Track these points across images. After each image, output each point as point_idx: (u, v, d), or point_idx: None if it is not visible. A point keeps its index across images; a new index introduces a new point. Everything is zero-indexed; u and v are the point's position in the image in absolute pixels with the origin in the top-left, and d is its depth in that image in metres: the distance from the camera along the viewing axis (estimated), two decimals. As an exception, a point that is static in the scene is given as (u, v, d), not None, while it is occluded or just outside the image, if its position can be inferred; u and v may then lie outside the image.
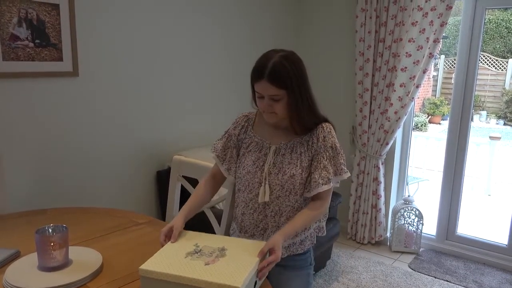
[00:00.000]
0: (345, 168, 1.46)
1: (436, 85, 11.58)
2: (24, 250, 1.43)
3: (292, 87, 1.36)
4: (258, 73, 1.36)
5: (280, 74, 1.34)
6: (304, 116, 1.42)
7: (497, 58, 10.70)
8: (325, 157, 1.43)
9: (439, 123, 10.45)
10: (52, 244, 1.27)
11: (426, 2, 2.94)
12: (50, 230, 1.32)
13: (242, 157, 1.52)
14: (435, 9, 2.93)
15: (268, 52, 1.40)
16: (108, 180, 2.51)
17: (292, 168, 1.43)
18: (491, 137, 6.05)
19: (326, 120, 1.49)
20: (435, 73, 11.46)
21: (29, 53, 2.06)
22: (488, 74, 10.56)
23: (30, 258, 1.34)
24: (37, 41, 2.08)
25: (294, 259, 1.54)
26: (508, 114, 10.36)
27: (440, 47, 10.85)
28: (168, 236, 1.35)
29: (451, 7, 2.89)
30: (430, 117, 10.49)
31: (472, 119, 3.27)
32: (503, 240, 3.24)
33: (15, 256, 1.40)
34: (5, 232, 1.63)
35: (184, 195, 2.02)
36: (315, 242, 1.58)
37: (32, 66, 2.08)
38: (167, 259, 1.22)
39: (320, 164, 1.43)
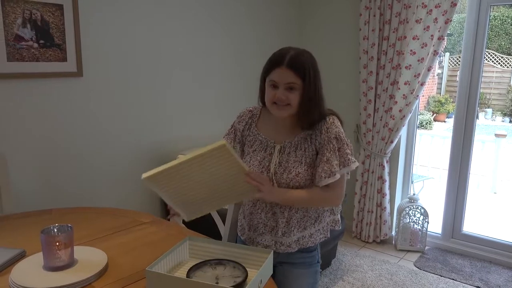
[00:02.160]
0: (353, 158, 1.44)
1: (441, 83, 11.52)
2: (30, 250, 1.43)
3: (309, 77, 1.38)
4: (276, 61, 1.38)
5: (299, 62, 1.37)
6: (313, 111, 1.42)
7: (502, 55, 10.62)
8: (328, 149, 1.42)
9: (444, 121, 10.39)
10: (57, 243, 1.27)
11: (430, -1, 2.93)
12: (56, 230, 1.33)
13: (247, 156, 1.51)
14: (439, 6, 2.91)
15: (283, 48, 1.42)
16: (112, 179, 2.52)
17: (297, 167, 1.43)
18: (496, 135, 6.01)
19: (331, 113, 1.48)
20: (440, 71, 11.40)
21: (34, 54, 2.07)
22: (493, 71, 10.49)
23: (36, 258, 1.34)
24: (41, 41, 2.08)
25: (303, 256, 1.54)
26: (513, 112, 10.30)
27: (445, 44, 10.78)
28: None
29: (455, 4, 2.87)
30: (435, 115, 10.44)
31: (477, 117, 3.25)
32: (509, 238, 3.22)
33: (21, 256, 1.41)
34: (10, 232, 1.63)
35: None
36: (329, 235, 1.57)
37: (36, 67, 2.09)
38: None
39: (323, 157, 1.42)
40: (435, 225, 3.50)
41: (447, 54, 11.38)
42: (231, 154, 1.26)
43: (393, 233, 3.52)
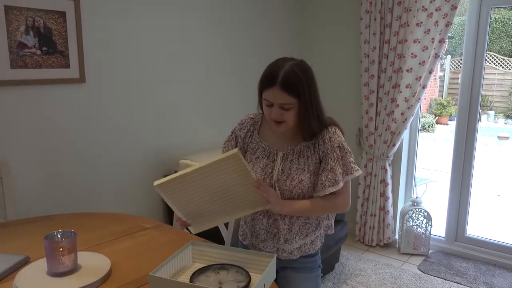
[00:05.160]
0: (356, 166, 1.45)
1: (443, 86, 11.51)
2: (34, 256, 1.44)
3: (304, 95, 1.35)
4: (269, 80, 1.35)
5: (293, 82, 1.33)
6: (312, 124, 1.42)
7: (504, 57, 10.62)
8: (332, 158, 1.42)
9: (447, 124, 10.38)
10: (61, 249, 1.28)
11: (430, 2, 2.93)
12: (59, 236, 1.33)
13: (250, 163, 1.51)
14: (440, 9, 2.92)
15: (278, 60, 1.39)
16: (115, 185, 2.53)
17: (300, 174, 1.43)
18: (499, 137, 6.00)
19: (332, 124, 1.48)
20: (441, 74, 11.40)
21: (37, 61, 2.08)
22: (495, 74, 10.48)
23: (39, 264, 1.35)
24: (44, 48, 2.10)
25: (305, 261, 1.54)
26: (516, 114, 10.28)
27: (446, 47, 10.79)
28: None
29: (456, 7, 2.87)
30: (437, 117, 10.42)
31: (479, 119, 3.25)
32: (514, 241, 3.21)
33: (25, 262, 1.41)
34: (14, 238, 1.64)
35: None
36: (323, 240, 1.58)
37: (39, 73, 2.10)
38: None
39: (327, 166, 1.42)
40: (439, 228, 3.49)
41: (449, 56, 11.38)
42: (242, 163, 1.28)
43: (397, 236, 3.51)
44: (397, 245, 3.49)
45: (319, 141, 1.45)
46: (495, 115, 10.49)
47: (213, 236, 1.76)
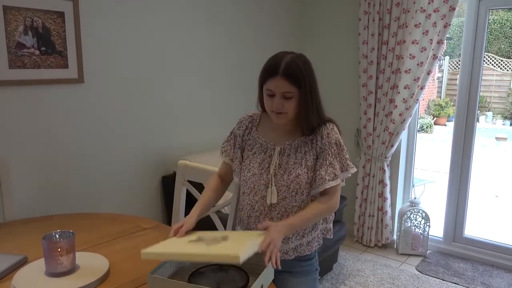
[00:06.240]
0: (351, 164, 1.47)
1: (441, 87, 11.53)
2: (32, 256, 1.44)
3: (304, 85, 1.38)
4: (271, 70, 1.37)
5: (294, 71, 1.36)
6: (312, 117, 1.43)
7: (502, 59, 10.65)
8: (330, 154, 1.44)
9: (445, 125, 10.40)
10: (59, 249, 1.28)
11: (429, 3, 2.94)
12: (57, 236, 1.33)
13: (247, 159, 1.51)
14: (438, 11, 2.93)
15: (279, 53, 1.42)
16: (114, 185, 2.53)
17: (297, 168, 1.43)
18: (497, 138, 6.03)
19: (329, 121, 1.50)
20: (439, 75, 11.42)
21: (35, 61, 2.08)
22: (493, 75, 10.51)
23: (38, 264, 1.35)
24: (42, 48, 2.10)
25: (301, 265, 1.54)
26: (514, 115, 10.30)
27: (444, 48, 10.81)
28: (177, 232, 1.36)
29: (454, 8, 2.88)
30: (435, 118, 10.44)
31: (477, 120, 3.26)
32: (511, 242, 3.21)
33: (23, 262, 1.41)
34: (12, 238, 1.64)
35: (190, 200, 2.03)
36: (321, 243, 1.58)
37: (38, 74, 2.10)
38: (170, 244, 1.26)
39: (325, 161, 1.43)
40: (437, 229, 3.49)
41: (447, 57, 11.40)
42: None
43: (395, 237, 3.52)
44: (395, 246, 3.49)
45: (317, 136, 1.46)
46: (493, 116, 10.51)
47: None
